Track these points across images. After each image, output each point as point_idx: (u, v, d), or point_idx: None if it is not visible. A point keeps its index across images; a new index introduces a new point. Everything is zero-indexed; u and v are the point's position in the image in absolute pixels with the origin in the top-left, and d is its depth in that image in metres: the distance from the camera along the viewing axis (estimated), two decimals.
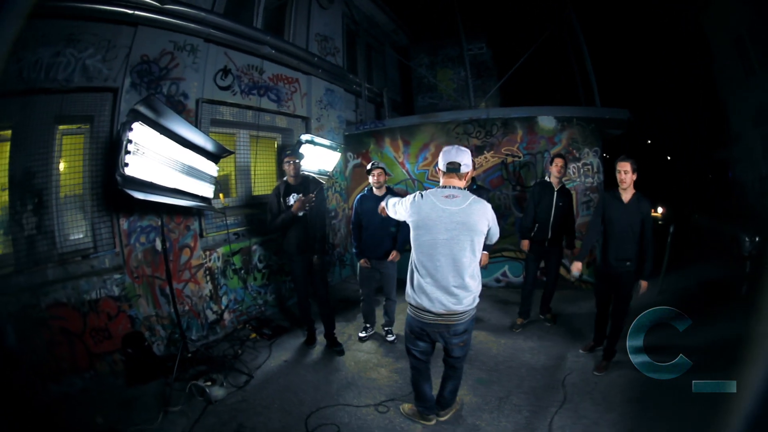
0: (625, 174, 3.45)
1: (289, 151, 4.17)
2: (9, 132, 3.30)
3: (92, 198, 3.66)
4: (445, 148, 2.54)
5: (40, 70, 3.26)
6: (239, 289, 4.87)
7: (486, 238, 2.54)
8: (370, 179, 4.09)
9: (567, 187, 4.71)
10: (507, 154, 6.05)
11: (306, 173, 4.26)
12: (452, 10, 7.18)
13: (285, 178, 4.16)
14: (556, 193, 4.44)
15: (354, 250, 4.36)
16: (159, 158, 3.26)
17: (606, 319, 3.85)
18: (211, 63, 4.51)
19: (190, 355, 3.79)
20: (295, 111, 5.87)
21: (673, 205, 10.82)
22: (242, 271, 4.91)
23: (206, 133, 4.41)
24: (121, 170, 2.85)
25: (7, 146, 3.28)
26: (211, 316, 4.47)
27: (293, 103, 5.81)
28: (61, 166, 3.57)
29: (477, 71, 8.87)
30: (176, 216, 4.13)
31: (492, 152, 6.09)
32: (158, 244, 3.90)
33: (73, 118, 3.63)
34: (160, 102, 3.25)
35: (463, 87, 7.75)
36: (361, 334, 4.45)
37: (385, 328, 4.47)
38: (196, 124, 4.31)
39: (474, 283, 2.48)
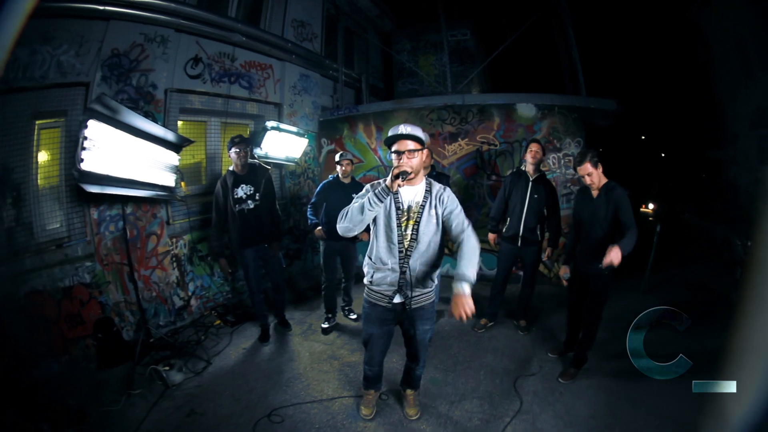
0: (589, 177, 3.42)
1: (237, 138, 4.38)
2: None
3: (67, 188, 4.10)
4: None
5: (18, 70, 3.69)
6: (205, 276, 5.41)
7: None
8: (338, 169, 4.71)
9: (548, 178, 4.62)
10: (482, 142, 6.29)
11: (252, 161, 4.59)
12: None
13: (231, 168, 4.41)
14: (531, 183, 4.32)
15: (310, 222, 4.82)
16: (115, 152, 3.74)
17: (578, 321, 3.86)
18: (183, 52, 4.94)
19: (152, 340, 4.37)
20: (268, 97, 6.32)
21: (665, 203, 11.43)
22: (208, 258, 5.42)
23: (175, 122, 4.96)
24: (78, 165, 3.36)
25: None
26: (179, 302, 5.02)
27: (265, 89, 6.25)
28: (40, 158, 4.04)
29: (460, 58, 9.22)
30: (143, 204, 4.61)
31: (467, 140, 6.37)
32: (126, 232, 4.44)
33: (50, 113, 4.03)
34: (112, 100, 3.72)
35: (444, 73, 7.94)
36: (323, 325, 4.89)
37: (346, 308, 5.22)
38: (164, 113, 4.79)
39: None
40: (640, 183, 13.63)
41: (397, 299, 2.82)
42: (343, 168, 4.70)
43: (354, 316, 5.15)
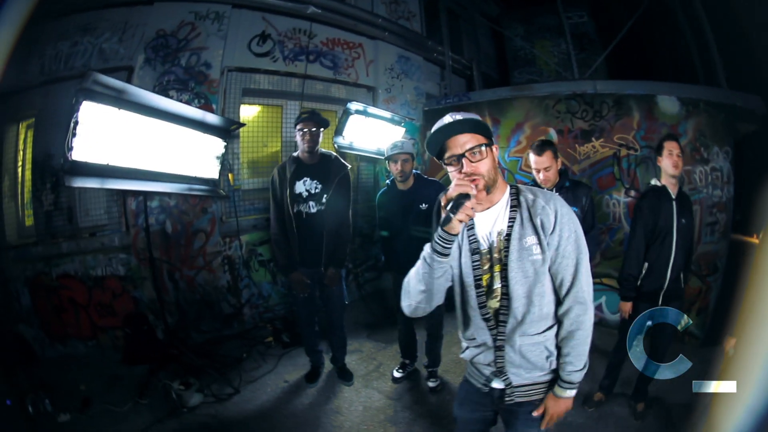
0: None
1: (305, 114, 3.44)
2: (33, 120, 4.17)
3: None
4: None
5: (60, 62, 3.97)
6: (266, 283, 4.93)
7: None
8: (392, 168, 3.51)
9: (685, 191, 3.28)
10: (621, 144, 5.04)
11: (327, 151, 3.61)
12: None
13: (296, 153, 3.49)
14: (674, 204, 2.99)
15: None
16: (124, 138, 3.17)
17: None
18: (245, 29, 4.64)
19: (175, 351, 3.95)
20: (358, 79, 5.73)
21: None
22: (271, 264, 4.95)
23: (235, 104, 4.68)
24: (68, 155, 2.78)
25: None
26: (228, 309, 4.63)
27: (355, 70, 5.69)
28: None
29: (579, 44, 8.07)
30: (191, 196, 4.29)
31: (602, 140, 5.14)
32: (168, 227, 4.20)
33: None
34: (109, 77, 3.05)
35: (564, 60, 7.25)
36: (395, 374, 3.88)
37: (428, 369, 3.84)
38: (222, 95, 4.50)
39: None
40: None
41: (496, 384, 1.77)
42: (398, 167, 3.44)
43: (433, 384, 3.77)
